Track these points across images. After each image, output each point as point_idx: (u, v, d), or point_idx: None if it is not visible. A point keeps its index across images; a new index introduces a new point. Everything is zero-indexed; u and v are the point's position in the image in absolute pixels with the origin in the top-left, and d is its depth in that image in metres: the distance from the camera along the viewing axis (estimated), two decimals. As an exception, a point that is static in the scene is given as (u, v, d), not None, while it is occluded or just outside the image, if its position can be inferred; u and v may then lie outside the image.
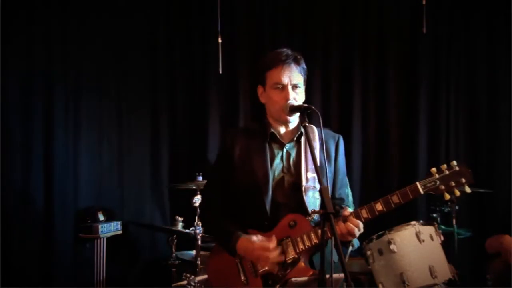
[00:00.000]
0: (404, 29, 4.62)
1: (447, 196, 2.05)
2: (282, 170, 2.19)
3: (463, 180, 2.04)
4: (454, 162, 2.06)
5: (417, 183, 2.03)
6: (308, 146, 2.18)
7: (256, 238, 2.07)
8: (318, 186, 2.16)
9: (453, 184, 2.03)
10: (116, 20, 4.44)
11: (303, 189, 2.14)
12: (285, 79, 2.14)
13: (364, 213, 2.04)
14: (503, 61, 4.38)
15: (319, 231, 2.00)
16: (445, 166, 2.04)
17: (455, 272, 3.04)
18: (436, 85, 4.56)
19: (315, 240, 2.04)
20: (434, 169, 2.04)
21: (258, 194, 2.13)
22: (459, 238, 3.61)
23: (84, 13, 4.18)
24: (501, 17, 4.38)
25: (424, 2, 4.11)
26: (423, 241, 2.98)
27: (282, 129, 2.24)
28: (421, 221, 3.11)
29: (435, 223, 3.23)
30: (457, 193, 2.05)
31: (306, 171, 2.18)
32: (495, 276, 3.39)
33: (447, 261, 3.06)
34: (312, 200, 2.15)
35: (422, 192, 2.02)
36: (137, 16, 4.65)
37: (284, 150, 2.22)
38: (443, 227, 3.46)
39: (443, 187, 2.03)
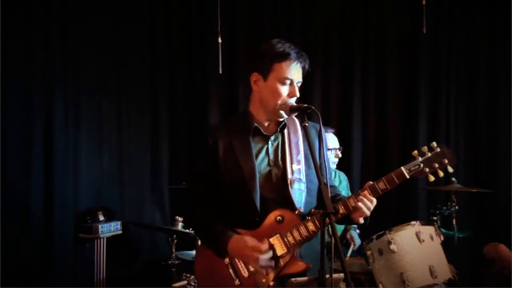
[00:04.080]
0: (404, 29, 4.62)
1: (432, 178, 2.04)
2: (269, 164, 2.16)
3: (446, 161, 2.03)
4: (434, 143, 2.06)
5: (402, 168, 2.03)
6: (291, 138, 2.20)
7: (248, 238, 2.04)
8: (304, 178, 2.16)
9: (437, 165, 2.03)
10: (116, 20, 4.45)
11: (289, 182, 2.12)
12: (295, 76, 2.12)
13: (352, 202, 2.03)
14: (503, 61, 4.38)
15: (308, 224, 2.03)
16: (426, 148, 2.05)
17: (455, 272, 3.04)
18: (436, 85, 4.56)
19: (305, 234, 2.03)
20: (416, 152, 2.05)
21: (246, 190, 2.08)
22: (459, 237, 3.61)
23: (84, 13, 4.18)
24: (501, 17, 4.38)
25: (424, 2, 4.10)
26: (423, 241, 2.97)
27: (266, 122, 2.20)
28: (421, 221, 3.11)
29: (435, 223, 3.22)
30: (441, 174, 2.05)
31: (291, 163, 2.16)
32: (492, 281, 3.40)
33: (447, 261, 3.05)
34: (298, 192, 2.13)
35: (407, 176, 2.03)
36: (137, 16, 4.66)
37: (269, 143, 2.19)
38: (443, 230, 3.45)
39: (427, 169, 2.03)
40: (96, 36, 4.30)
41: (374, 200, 2.03)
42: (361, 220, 2.05)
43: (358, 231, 3.88)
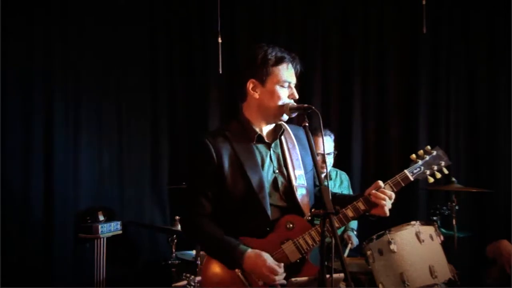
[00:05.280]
0: (404, 29, 4.62)
1: (431, 180, 2.16)
2: (274, 171, 2.15)
3: (442, 163, 2.18)
4: (429, 147, 2.19)
5: (406, 171, 2.15)
6: (289, 144, 2.21)
7: (266, 256, 2.01)
8: (305, 183, 2.17)
9: (435, 168, 2.16)
10: (116, 20, 4.44)
11: (294, 188, 2.13)
12: (293, 78, 2.15)
13: (361, 206, 2.07)
14: (503, 61, 4.38)
15: (319, 228, 2.01)
16: (422, 152, 2.18)
17: (455, 272, 3.04)
18: (436, 85, 4.56)
19: (318, 238, 2.03)
20: (414, 156, 2.19)
21: (256, 200, 2.06)
22: (459, 237, 3.61)
23: (84, 13, 4.18)
24: (501, 17, 4.38)
25: (424, 2, 4.10)
26: (423, 241, 2.97)
27: (265, 128, 2.20)
28: (421, 221, 3.11)
29: (435, 223, 3.23)
30: (438, 175, 2.17)
31: (294, 169, 2.17)
32: (493, 281, 3.40)
33: (447, 261, 3.05)
34: (304, 198, 2.14)
35: (412, 179, 2.14)
36: (137, 16, 4.65)
37: (271, 150, 2.18)
38: (443, 230, 3.45)
39: (427, 171, 2.16)
40: (96, 36, 4.30)
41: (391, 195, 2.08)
42: (388, 212, 2.08)
43: (356, 232, 3.88)
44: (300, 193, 2.14)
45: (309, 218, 2.09)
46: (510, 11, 4.24)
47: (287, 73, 2.12)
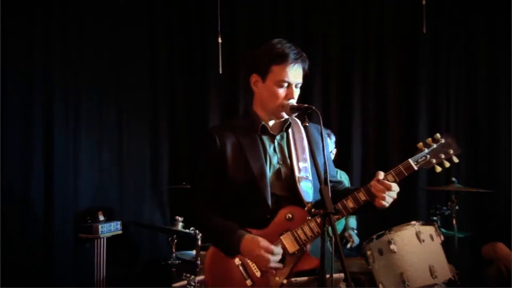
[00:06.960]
0: (404, 29, 4.63)
1: (438, 169, 2.05)
2: (278, 162, 2.16)
3: (451, 151, 2.03)
4: (438, 135, 2.06)
5: (409, 160, 2.04)
6: (296, 137, 2.21)
7: (261, 239, 2.03)
8: (310, 176, 2.17)
9: (443, 156, 2.04)
10: (116, 19, 4.44)
11: (297, 179, 2.13)
12: (292, 79, 2.11)
13: (362, 196, 2.04)
14: (503, 61, 4.38)
15: (319, 220, 2.01)
16: (430, 139, 2.06)
17: (455, 272, 3.04)
18: (436, 85, 4.56)
19: (316, 229, 2.03)
20: (421, 144, 2.06)
21: (257, 188, 2.08)
22: (459, 237, 3.61)
23: (84, 13, 4.18)
24: (501, 17, 4.38)
25: (424, 2, 4.10)
26: (423, 241, 2.98)
27: (271, 121, 2.21)
28: (421, 221, 3.11)
29: (435, 223, 3.23)
30: (447, 164, 2.05)
31: (298, 161, 2.17)
32: (491, 282, 3.41)
33: (447, 261, 3.05)
34: (306, 189, 2.14)
35: (415, 168, 2.04)
36: (137, 16, 4.65)
37: (276, 141, 2.19)
38: (443, 230, 3.45)
39: (434, 160, 2.04)
40: (96, 36, 4.30)
41: (394, 186, 2.01)
42: (386, 204, 2.02)
43: (356, 231, 3.89)
44: (303, 184, 2.14)
45: (310, 217, 2.08)
46: (510, 11, 4.24)
47: (287, 72, 2.10)
